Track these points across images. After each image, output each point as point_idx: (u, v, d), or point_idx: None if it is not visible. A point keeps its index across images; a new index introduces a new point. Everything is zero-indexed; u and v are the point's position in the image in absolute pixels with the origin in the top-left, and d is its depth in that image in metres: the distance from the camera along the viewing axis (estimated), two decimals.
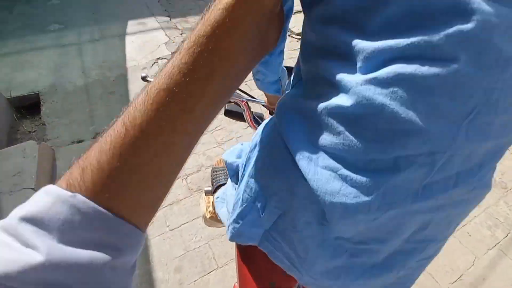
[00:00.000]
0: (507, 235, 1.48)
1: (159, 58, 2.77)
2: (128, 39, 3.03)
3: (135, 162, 0.20)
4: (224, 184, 1.13)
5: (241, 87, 0.68)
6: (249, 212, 0.40)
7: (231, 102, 0.64)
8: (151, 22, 3.39)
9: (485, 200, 1.58)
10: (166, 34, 3.14)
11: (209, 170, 1.79)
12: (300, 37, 0.38)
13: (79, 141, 1.92)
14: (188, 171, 1.77)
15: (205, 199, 0.90)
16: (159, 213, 1.56)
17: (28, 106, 2.23)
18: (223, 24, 0.21)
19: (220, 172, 1.15)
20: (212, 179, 1.07)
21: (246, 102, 0.63)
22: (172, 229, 1.49)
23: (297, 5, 0.42)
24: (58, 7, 3.73)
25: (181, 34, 3.18)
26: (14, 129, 2.07)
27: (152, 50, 2.88)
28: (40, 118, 2.14)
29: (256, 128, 0.64)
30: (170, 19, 3.48)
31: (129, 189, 0.21)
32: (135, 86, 2.42)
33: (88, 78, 2.49)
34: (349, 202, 0.29)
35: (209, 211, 0.84)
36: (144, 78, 0.61)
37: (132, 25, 3.30)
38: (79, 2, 3.83)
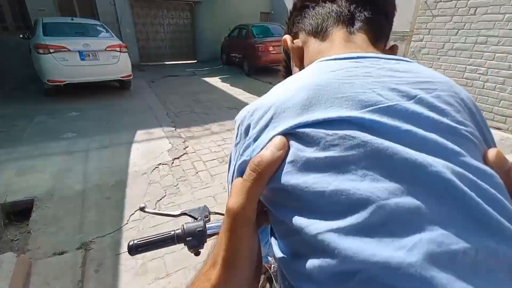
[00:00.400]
0: None
1: (160, 163, 2.93)
2: (134, 147, 3.28)
3: None
4: None
5: None
6: None
7: None
8: (157, 131, 3.77)
9: None
10: (169, 142, 3.43)
11: None
12: None
13: (61, 253, 1.78)
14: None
15: None
16: None
17: (19, 212, 2.18)
18: (230, 235, 0.30)
19: None
20: None
21: None
22: None
23: None
24: (76, 118, 4.20)
25: (183, 142, 3.48)
26: None
27: (154, 156, 3.07)
28: (28, 225, 2.05)
29: None
30: (175, 129, 3.88)
31: None
32: (133, 191, 2.46)
33: (88, 183, 2.54)
34: None
35: None
36: (142, 209, 0.63)
37: (140, 134, 3.64)
38: (96, 115, 4.35)
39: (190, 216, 0.64)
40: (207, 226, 0.61)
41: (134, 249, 0.56)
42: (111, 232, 1.98)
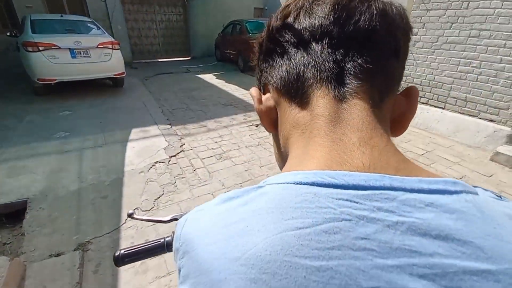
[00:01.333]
0: None
1: (156, 162, 2.89)
2: (130, 145, 3.22)
3: None
4: None
5: None
6: None
7: None
8: (153, 129, 3.71)
9: None
10: (166, 140, 3.38)
11: None
12: None
13: (58, 254, 1.74)
14: None
15: None
16: None
17: (11, 214, 2.11)
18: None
19: None
20: None
21: None
22: None
23: None
24: (68, 117, 4.10)
25: (180, 139, 3.44)
26: None
27: (151, 154, 3.02)
28: (21, 227, 1.99)
29: None
30: (171, 127, 3.83)
31: None
32: (130, 190, 2.41)
33: (83, 182, 2.48)
34: None
35: None
36: (130, 216, 0.59)
37: (135, 133, 3.58)
38: (89, 113, 4.26)
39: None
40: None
41: (121, 260, 0.51)
42: (109, 232, 1.94)
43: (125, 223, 2.04)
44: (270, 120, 0.33)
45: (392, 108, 0.29)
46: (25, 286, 1.52)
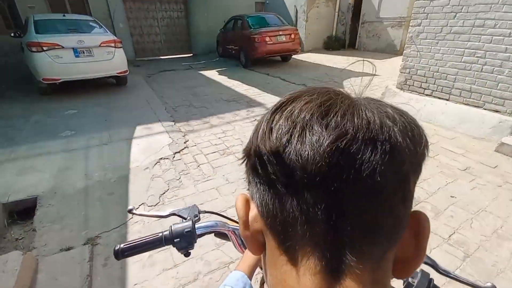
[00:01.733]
0: None
1: (161, 158, 2.93)
2: (134, 142, 3.27)
3: None
4: None
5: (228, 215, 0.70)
6: None
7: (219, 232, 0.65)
8: (157, 126, 3.75)
9: None
10: (169, 137, 3.42)
11: (207, 278, 1.62)
12: None
13: (68, 249, 1.79)
14: (183, 280, 1.59)
15: None
16: None
17: (22, 211, 2.18)
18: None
19: None
20: None
21: (233, 231, 0.65)
22: None
23: None
24: (73, 116, 4.16)
25: (183, 136, 3.47)
26: (1, 236, 1.95)
27: (155, 151, 3.06)
28: (32, 223, 2.05)
29: (243, 252, 0.63)
30: (174, 124, 3.86)
31: None
32: (136, 186, 2.46)
33: (89, 180, 2.54)
34: None
35: None
36: (130, 211, 0.62)
37: (139, 130, 3.62)
38: (94, 112, 4.31)
39: (179, 216, 0.62)
40: (196, 226, 0.59)
41: (121, 254, 0.54)
42: (117, 226, 1.99)
43: (131, 218, 2.08)
44: (259, 244, 0.27)
45: (398, 251, 0.24)
46: (38, 279, 1.58)
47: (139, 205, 2.22)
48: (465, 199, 2.28)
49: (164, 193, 2.38)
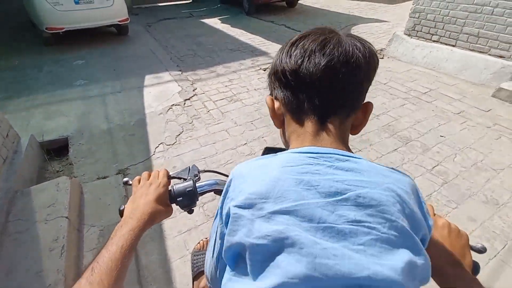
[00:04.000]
0: (505, 246, 1.59)
1: (173, 104, 3.12)
2: (146, 90, 3.43)
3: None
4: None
5: None
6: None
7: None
8: (165, 75, 3.86)
9: (481, 216, 1.71)
10: (179, 85, 3.56)
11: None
12: None
13: (104, 177, 2.11)
14: (204, 199, 1.92)
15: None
16: (179, 238, 1.68)
17: (57, 149, 2.47)
18: (131, 237, 0.46)
19: (201, 256, 1.12)
20: (192, 263, 1.06)
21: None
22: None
23: None
24: (82, 66, 4.25)
25: (191, 84, 3.60)
26: (44, 169, 2.27)
27: (167, 98, 3.24)
28: (67, 159, 2.36)
29: None
30: (181, 73, 3.96)
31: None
32: (153, 129, 2.70)
33: (111, 123, 2.78)
34: None
35: None
36: (126, 183, 0.65)
37: (149, 79, 3.75)
38: (101, 62, 4.38)
39: (179, 178, 0.64)
40: (197, 185, 0.62)
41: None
42: (142, 160, 2.28)
43: (154, 154, 2.37)
44: (280, 122, 0.49)
45: (353, 120, 0.46)
46: (84, 198, 1.92)
47: (159, 144, 2.49)
48: (453, 138, 2.50)
49: (179, 134, 2.63)
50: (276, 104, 0.47)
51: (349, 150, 0.43)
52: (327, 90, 0.42)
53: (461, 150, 2.35)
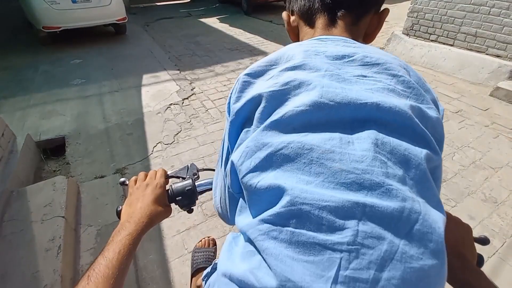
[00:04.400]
0: (504, 243, 1.59)
1: (171, 103, 3.10)
2: (144, 90, 3.41)
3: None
4: (204, 268, 1.03)
5: None
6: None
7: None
8: (163, 75, 3.84)
9: (480, 214, 1.71)
10: (177, 84, 3.54)
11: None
12: None
13: (102, 177, 2.09)
14: (203, 199, 1.90)
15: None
16: (178, 238, 1.66)
17: (53, 149, 2.44)
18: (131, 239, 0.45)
19: (201, 253, 1.13)
20: (192, 260, 1.05)
21: None
22: (190, 252, 1.57)
23: None
24: (80, 65, 4.22)
25: (190, 83, 3.59)
26: (40, 168, 2.24)
27: (165, 97, 3.22)
28: (65, 158, 2.33)
29: None
30: (180, 72, 3.94)
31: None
32: (151, 128, 2.68)
33: (108, 123, 2.76)
34: None
35: None
36: (123, 183, 0.64)
37: (146, 78, 3.72)
38: (98, 61, 4.35)
39: (177, 177, 0.63)
40: (196, 183, 0.60)
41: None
42: (140, 160, 2.26)
43: (152, 153, 2.35)
44: (295, 35, 0.53)
45: (368, 24, 0.47)
46: (81, 198, 1.90)
47: (157, 143, 2.47)
48: (451, 136, 2.50)
49: (177, 133, 2.62)
50: (291, 17, 0.52)
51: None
52: None
53: (460, 149, 2.35)
